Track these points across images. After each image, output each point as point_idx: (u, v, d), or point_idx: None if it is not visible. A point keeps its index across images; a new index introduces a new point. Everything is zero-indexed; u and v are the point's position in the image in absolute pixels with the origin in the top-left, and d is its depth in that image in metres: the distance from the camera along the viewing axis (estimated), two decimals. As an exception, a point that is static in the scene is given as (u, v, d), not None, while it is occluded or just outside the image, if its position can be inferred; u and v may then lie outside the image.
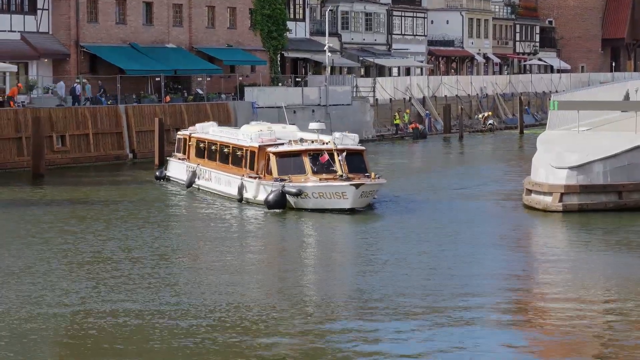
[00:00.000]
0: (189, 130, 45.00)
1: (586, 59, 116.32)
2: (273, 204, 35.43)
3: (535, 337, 19.96)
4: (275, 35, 70.28)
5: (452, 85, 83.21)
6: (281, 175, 35.96)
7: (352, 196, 34.49)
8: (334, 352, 18.64)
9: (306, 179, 35.52)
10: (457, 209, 36.86)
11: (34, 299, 22.46)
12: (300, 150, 36.56)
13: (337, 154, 35.73)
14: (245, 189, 37.42)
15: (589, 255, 28.70)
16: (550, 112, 42.92)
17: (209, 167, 41.04)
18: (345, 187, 34.55)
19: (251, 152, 38.05)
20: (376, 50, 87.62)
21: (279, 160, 36.60)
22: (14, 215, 35.35)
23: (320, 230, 33.10)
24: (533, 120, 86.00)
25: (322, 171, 35.78)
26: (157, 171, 45.81)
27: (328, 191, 34.77)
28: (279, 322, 20.64)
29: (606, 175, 35.28)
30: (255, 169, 37.53)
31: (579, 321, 20.91)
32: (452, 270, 25.86)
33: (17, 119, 49.41)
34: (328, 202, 34.81)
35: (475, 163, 56.63)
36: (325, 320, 20.84)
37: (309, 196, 35.02)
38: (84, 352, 18.80)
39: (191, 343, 19.13)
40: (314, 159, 36.14)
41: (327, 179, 35.23)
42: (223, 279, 24.90)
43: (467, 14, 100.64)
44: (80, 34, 58.30)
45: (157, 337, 19.52)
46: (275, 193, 35.51)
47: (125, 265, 26.54)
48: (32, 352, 18.70)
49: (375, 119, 71.16)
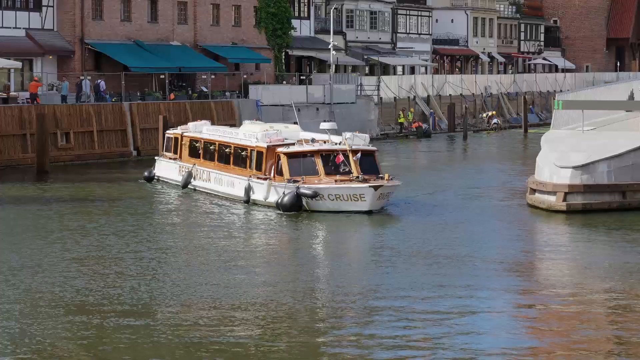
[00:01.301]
0: (179, 129, 43.64)
1: (591, 59, 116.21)
2: (288, 206, 34.20)
3: (540, 337, 19.95)
4: (280, 34, 70.30)
5: (457, 84, 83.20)
6: (292, 177, 34.97)
7: (371, 198, 33.67)
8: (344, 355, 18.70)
9: (320, 181, 34.59)
10: (461, 207, 36.80)
11: (34, 294, 22.48)
12: (312, 150, 35.49)
13: (352, 155, 34.93)
14: (253, 190, 36.28)
15: (593, 254, 28.66)
16: (555, 111, 42.92)
17: (206, 167, 39.87)
18: (363, 189, 33.66)
19: (258, 152, 36.94)
20: (381, 49, 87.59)
21: (290, 160, 35.49)
22: (18, 212, 35.36)
23: (340, 233, 32.24)
24: (537, 120, 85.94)
25: (334, 172, 34.86)
26: (146, 171, 44.06)
27: (345, 193, 33.87)
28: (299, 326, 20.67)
29: (610, 175, 35.25)
30: (263, 170, 36.45)
31: (582, 320, 20.90)
32: (450, 272, 25.79)
33: (21, 115, 49.44)
34: (345, 205, 33.93)
35: (479, 162, 56.61)
36: (343, 324, 20.88)
37: (325, 198, 34.09)
38: (94, 348, 18.85)
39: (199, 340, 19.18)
40: (326, 159, 35.14)
41: (343, 180, 34.33)
42: (251, 279, 24.90)
43: (472, 12, 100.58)
44: (85, 31, 58.35)
45: (164, 336, 19.56)
46: (289, 195, 34.27)
47: (140, 264, 26.52)
48: (33, 348, 18.73)
49: (380, 117, 71.16)
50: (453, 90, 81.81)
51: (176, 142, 42.95)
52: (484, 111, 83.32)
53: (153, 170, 43.80)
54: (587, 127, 40.50)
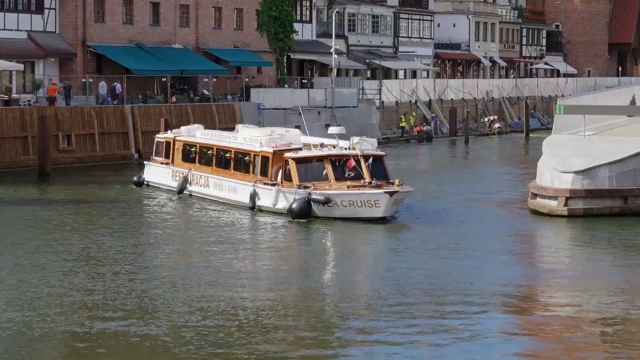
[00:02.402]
0: (171, 133, 42.76)
1: (592, 64, 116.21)
2: (299, 212, 33.37)
3: (540, 342, 19.94)
4: (281, 37, 70.27)
5: (459, 89, 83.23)
6: (302, 182, 34.19)
7: (385, 204, 32.77)
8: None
9: (330, 186, 33.81)
10: (462, 212, 36.75)
11: (33, 297, 22.48)
12: (322, 155, 34.82)
13: (364, 160, 34.29)
14: (258, 196, 35.45)
15: (594, 260, 28.63)
16: (557, 116, 42.88)
17: (204, 173, 39.04)
18: (378, 195, 32.84)
19: (263, 157, 36.07)
20: (383, 53, 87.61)
21: (299, 166, 34.67)
22: (18, 214, 35.34)
23: (355, 240, 31.52)
24: (539, 124, 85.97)
25: (344, 178, 34.21)
26: (135, 176, 43.19)
27: (359, 199, 33.00)
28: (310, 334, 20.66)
29: (612, 180, 35.23)
30: (269, 175, 35.60)
31: (582, 326, 20.89)
32: (454, 277, 25.76)
33: (22, 118, 49.44)
34: (358, 211, 33.05)
35: (481, 166, 56.59)
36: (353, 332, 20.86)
37: (338, 204, 33.22)
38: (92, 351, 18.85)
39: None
40: (335, 164, 34.54)
41: (355, 186, 33.58)
42: (270, 283, 24.91)
43: (474, 17, 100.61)
44: (87, 34, 58.40)
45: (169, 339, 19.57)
46: (300, 201, 33.53)
47: (150, 270, 26.53)
48: (33, 350, 18.72)
49: (381, 121, 71.16)
50: (455, 95, 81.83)
51: (167, 146, 42.09)
52: (486, 115, 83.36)
53: (143, 175, 43.02)
54: (589, 132, 40.48)
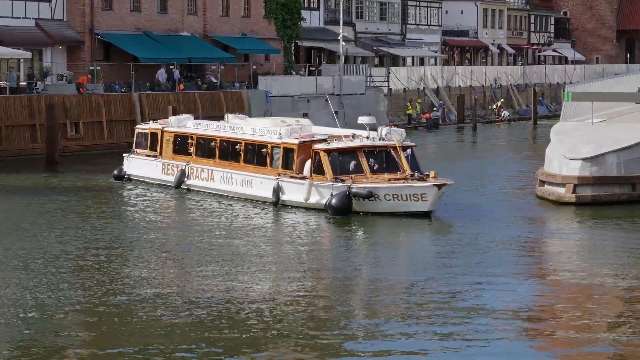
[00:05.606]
0: (158, 124, 40.38)
1: (601, 51, 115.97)
2: (339, 208, 31.50)
3: (550, 336, 19.96)
4: (289, 24, 70.21)
5: (466, 76, 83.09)
6: (336, 175, 32.40)
7: (432, 198, 31.23)
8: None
9: (367, 179, 32.12)
10: (469, 198, 36.68)
11: (39, 286, 22.53)
12: (355, 147, 33.09)
13: (402, 151, 32.94)
14: (283, 190, 33.50)
15: (602, 247, 28.61)
16: (565, 103, 42.84)
17: (205, 165, 36.90)
18: (426, 188, 31.28)
19: (286, 149, 33.96)
20: (390, 40, 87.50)
21: (331, 158, 32.96)
22: (26, 202, 35.40)
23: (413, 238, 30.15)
24: (547, 111, 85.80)
25: (378, 170, 32.83)
26: (116, 170, 40.85)
27: (405, 192, 31.32)
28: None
29: (620, 166, 35.17)
30: (294, 169, 33.64)
31: (592, 315, 20.89)
32: (461, 270, 25.67)
33: (31, 106, 49.49)
34: (403, 205, 31.40)
35: (489, 153, 56.55)
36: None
37: (381, 198, 31.54)
38: (103, 340, 18.90)
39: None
40: (368, 156, 33.02)
41: (397, 179, 32.04)
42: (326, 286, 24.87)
43: (482, 4, 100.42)
44: (94, 22, 58.37)
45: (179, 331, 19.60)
46: (339, 196, 31.62)
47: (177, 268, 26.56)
48: (36, 338, 18.79)
49: (389, 108, 71.11)
50: (462, 82, 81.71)
51: (153, 137, 39.82)
52: (494, 102, 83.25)
53: (123, 169, 40.81)
54: (597, 119, 40.41)
